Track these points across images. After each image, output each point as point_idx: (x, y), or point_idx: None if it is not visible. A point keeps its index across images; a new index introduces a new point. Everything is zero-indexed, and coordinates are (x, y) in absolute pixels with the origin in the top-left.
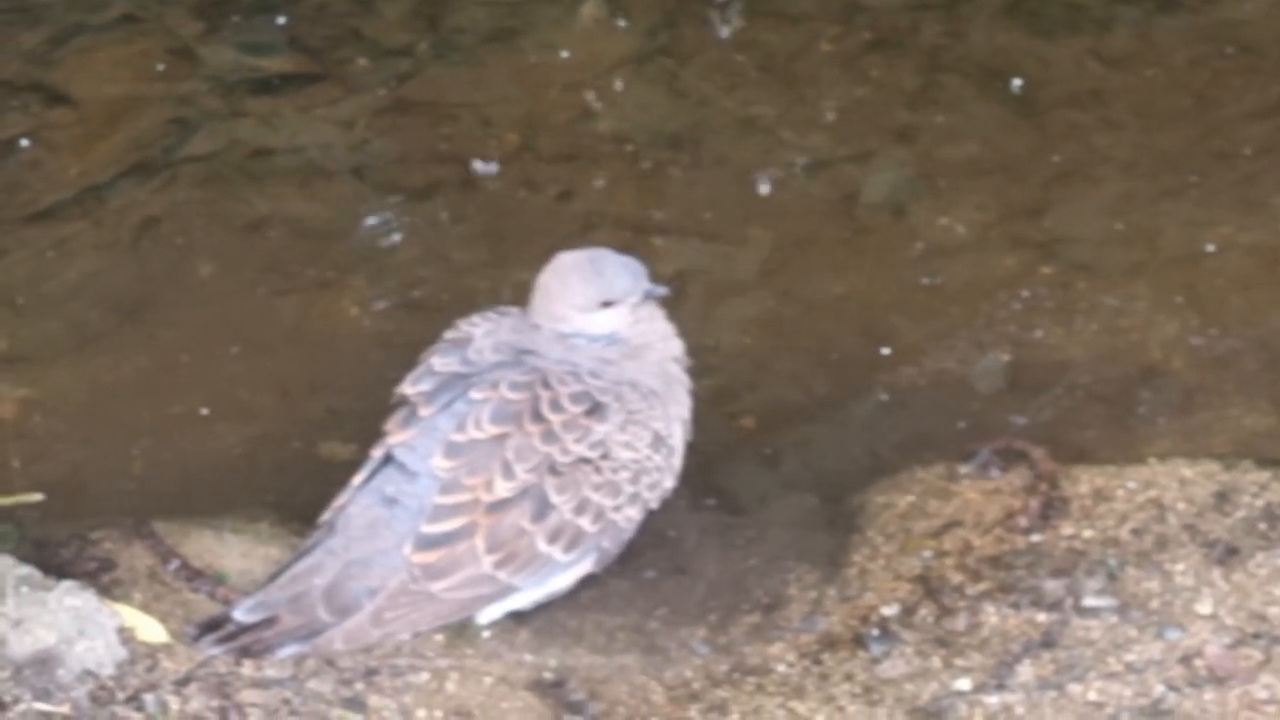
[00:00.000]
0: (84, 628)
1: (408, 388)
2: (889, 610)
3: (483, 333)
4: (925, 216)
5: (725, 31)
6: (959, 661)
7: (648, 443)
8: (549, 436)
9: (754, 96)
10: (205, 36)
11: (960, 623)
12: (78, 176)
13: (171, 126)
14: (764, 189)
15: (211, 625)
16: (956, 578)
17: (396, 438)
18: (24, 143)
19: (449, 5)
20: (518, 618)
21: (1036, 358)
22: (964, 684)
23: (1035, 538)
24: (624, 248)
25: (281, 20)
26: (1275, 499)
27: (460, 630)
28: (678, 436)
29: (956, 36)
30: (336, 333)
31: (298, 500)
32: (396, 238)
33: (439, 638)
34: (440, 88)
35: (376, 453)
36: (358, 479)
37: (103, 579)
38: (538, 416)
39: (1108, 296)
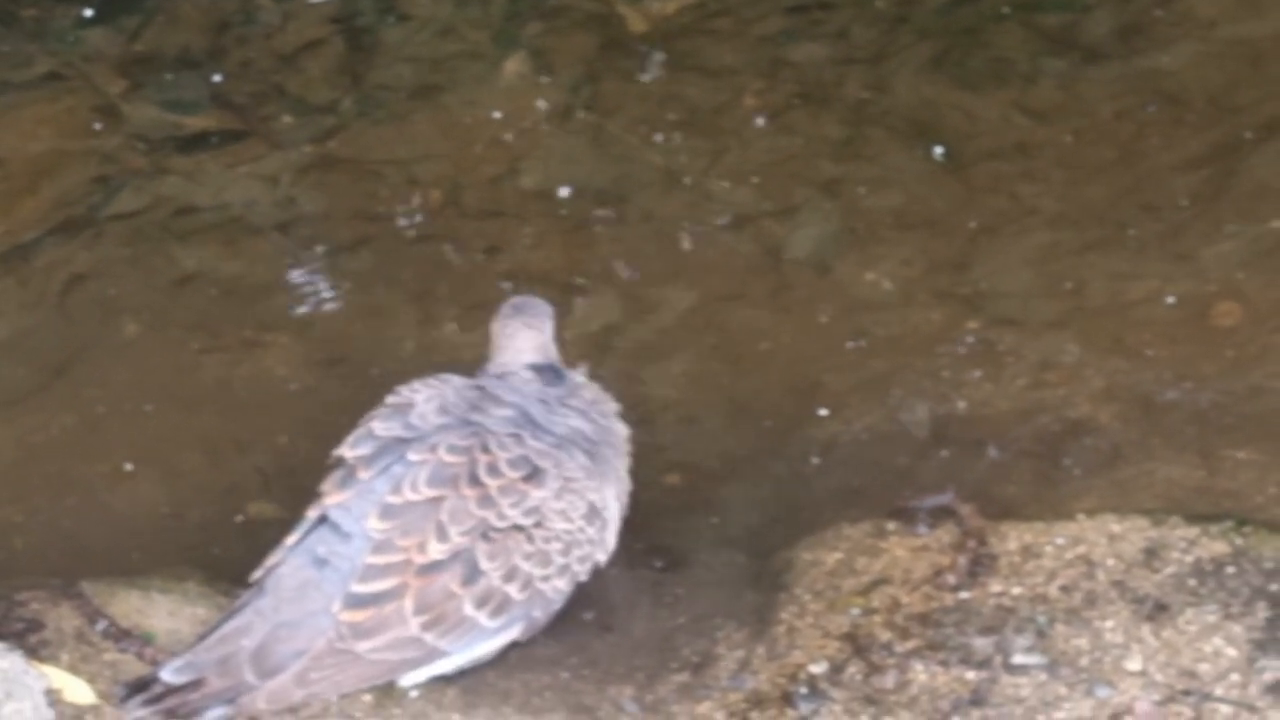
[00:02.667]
0: (11, 689)
1: (346, 451)
2: (817, 668)
3: (424, 398)
4: (851, 271)
5: (647, 76)
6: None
7: (582, 514)
8: (485, 501)
9: (678, 150)
10: (129, 94)
11: (889, 680)
12: (2, 235)
13: (96, 184)
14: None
15: (139, 686)
16: (885, 635)
17: (332, 499)
18: None
19: (373, 62)
20: (445, 677)
21: (963, 413)
22: None
23: (964, 595)
24: (550, 303)
25: (206, 77)
26: (1204, 554)
27: (388, 690)
28: (613, 510)
29: (881, 90)
30: (263, 390)
31: (225, 559)
32: (322, 295)
33: (367, 698)
34: (365, 144)
35: (312, 513)
36: (291, 539)
37: (30, 640)
38: (475, 480)
39: (1034, 350)
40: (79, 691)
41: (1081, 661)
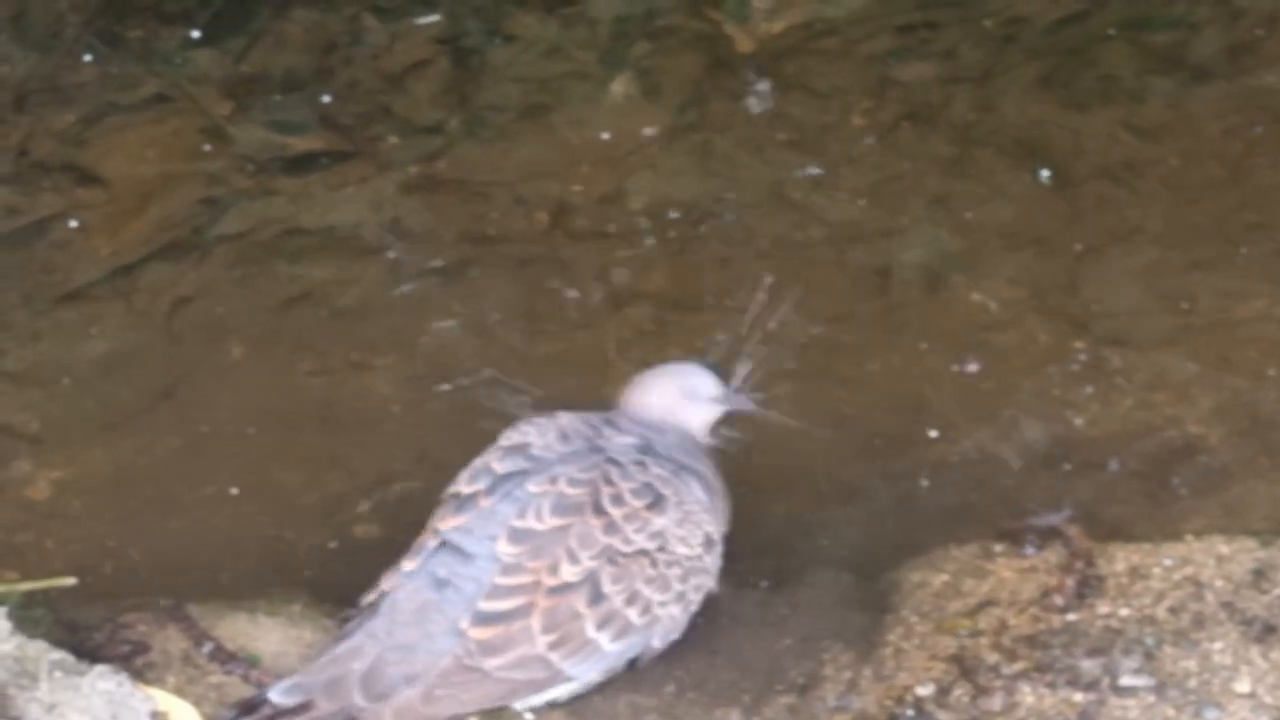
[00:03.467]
0: (118, 712)
1: (464, 487)
2: (924, 690)
3: (538, 431)
4: (958, 291)
5: (758, 107)
6: None
7: (701, 541)
8: (611, 528)
9: (786, 171)
10: (236, 115)
11: (996, 703)
12: (110, 256)
13: (202, 206)
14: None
15: (247, 707)
16: (992, 657)
17: (448, 523)
18: (72, 223)
19: (480, 82)
20: (551, 701)
21: (1071, 433)
22: None
23: (1071, 616)
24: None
25: (312, 99)
26: None
27: (496, 715)
28: (720, 544)
29: (989, 110)
30: (368, 412)
31: (331, 581)
32: (429, 315)
33: None
34: (471, 165)
35: (430, 541)
36: (409, 565)
37: (136, 662)
38: (599, 510)
39: (1142, 370)
40: (185, 714)
41: (1190, 683)
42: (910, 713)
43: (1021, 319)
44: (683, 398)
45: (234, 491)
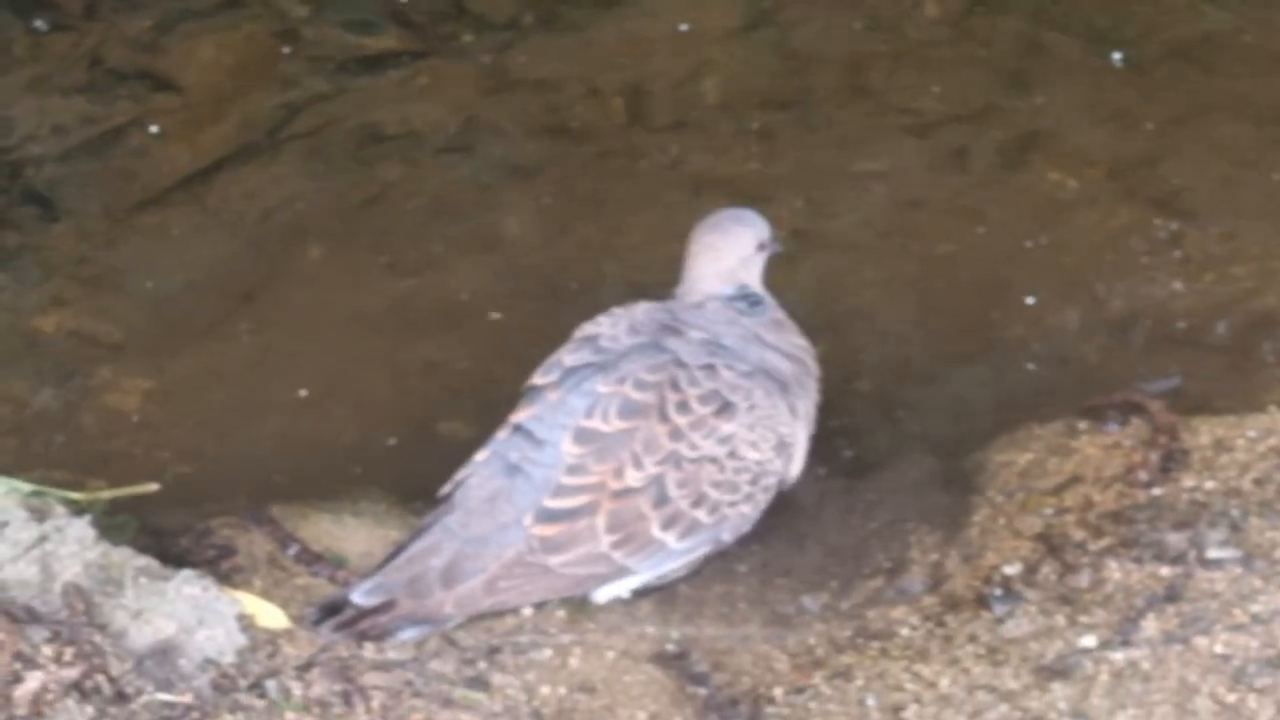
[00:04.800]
0: (204, 616)
1: (538, 378)
2: (1011, 569)
3: (610, 323)
4: (1036, 172)
5: None
6: (1083, 618)
7: (772, 445)
8: (676, 434)
9: (861, 58)
10: (310, 17)
11: (1083, 579)
12: (187, 162)
13: (278, 109)
14: None
15: (331, 609)
16: (1078, 534)
17: (520, 415)
18: (152, 129)
19: None
20: (639, 591)
21: (1154, 308)
22: (1089, 641)
23: (1156, 491)
24: (757, 213)
25: None
26: None
27: (581, 605)
28: (801, 438)
29: None
30: (448, 310)
31: (416, 480)
32: (506, 211)
33: (560, 613)
34: (546, 59)
35: (502, 434)
36: (481, 455)
37: (222, 566)
38: (664, 417)
39: (1222, 245)
40: (272, 616)
41: (1276, 554)
42: (998, 592)
43: (1100, 197)
44: (756, 250)
45: (317, 392)
